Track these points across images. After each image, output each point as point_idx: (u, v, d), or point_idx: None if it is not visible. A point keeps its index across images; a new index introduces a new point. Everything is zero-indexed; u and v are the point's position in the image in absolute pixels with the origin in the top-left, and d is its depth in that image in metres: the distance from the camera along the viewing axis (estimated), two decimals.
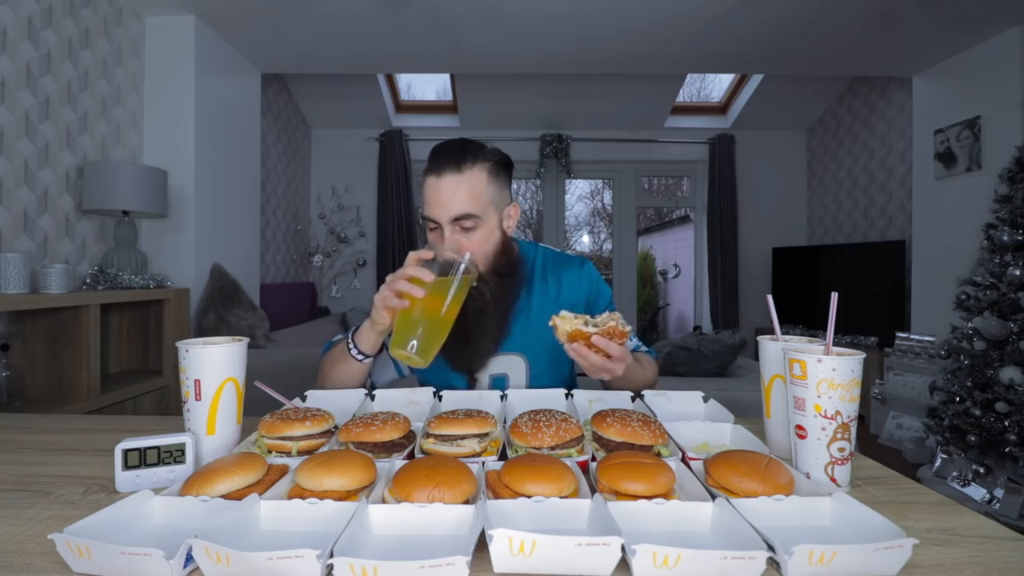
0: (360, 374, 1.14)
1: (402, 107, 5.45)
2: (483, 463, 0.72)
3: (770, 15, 3.05)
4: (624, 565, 0.52)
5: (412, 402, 1.03)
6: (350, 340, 1.11)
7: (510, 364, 1.22)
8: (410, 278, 0.95)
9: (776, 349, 0.82)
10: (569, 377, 1.31)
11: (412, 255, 0.99)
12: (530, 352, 1.22)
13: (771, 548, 0.51)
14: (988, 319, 2.54)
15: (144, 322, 2.64)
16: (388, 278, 0.99)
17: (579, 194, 8.27)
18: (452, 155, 1.10)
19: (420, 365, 0.94)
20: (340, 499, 0.62)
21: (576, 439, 0.78)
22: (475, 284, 1.01)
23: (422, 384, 1.14)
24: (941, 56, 3.58)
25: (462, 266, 0.96)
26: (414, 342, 0.92)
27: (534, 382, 1.23)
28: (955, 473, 2.66)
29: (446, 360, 1.19)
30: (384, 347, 1.21)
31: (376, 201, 5.31)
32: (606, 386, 1.17)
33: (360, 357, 1.10)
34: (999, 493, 2.47)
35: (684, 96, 5.49)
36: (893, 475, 0.78)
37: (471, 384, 1.22)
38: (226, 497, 0.63)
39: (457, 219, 1.09)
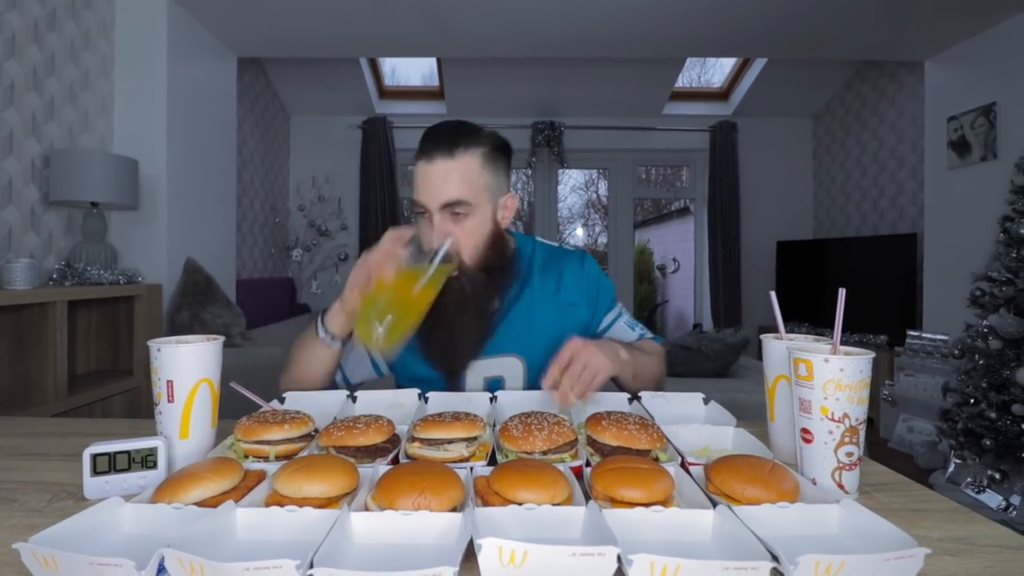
0: (328, 361, 1.13)
1: (386, 93, 5.43)
2: (471, 468, 0.72)
3: None
4: None
5: (396, 404, 1.03)
6: (320, 320, 1.11)
7: (505, 366, 1.20)
8: (383, 259, 0.95)
9: (780, 348, 0.82)
10: None
11: (391, 233, 1.00)
12: (527, 353, 1.19)
13: (775, 558, 0.51)
14: (1004, 316, 2.55)
15: (114, 320, 2.63)
16: (363, 255, 1.01)
17: (573, 185, 8.26)
18: (444, 138, 1.09)
19: (382, 350, 0.92)
20: (320, 506, 0.62)
21: (569, 443, 0.78)
22: (455, 275, 1.00)
23: (399, 383, 1.12)
24: (955, 39, 3.59)
25: (442, 250, 0.95)
26: (379, 326, 0.91)
27: (533, 385, 1.21)
28: (969, 479, 2.68)
29: (426, 358, 1.18)
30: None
31: (358, 192, 5.29)
32: (621, 387, 1.17)
33: (328, 340, 1.10)
34: (1016, 500, 2.49)
35: (683, 81, 5.50)
36: (904, 481, 0.79)
37: (450, 386, 1.20)
38: (200, 504, 0.63)
39: (447, 205, 1.08)
